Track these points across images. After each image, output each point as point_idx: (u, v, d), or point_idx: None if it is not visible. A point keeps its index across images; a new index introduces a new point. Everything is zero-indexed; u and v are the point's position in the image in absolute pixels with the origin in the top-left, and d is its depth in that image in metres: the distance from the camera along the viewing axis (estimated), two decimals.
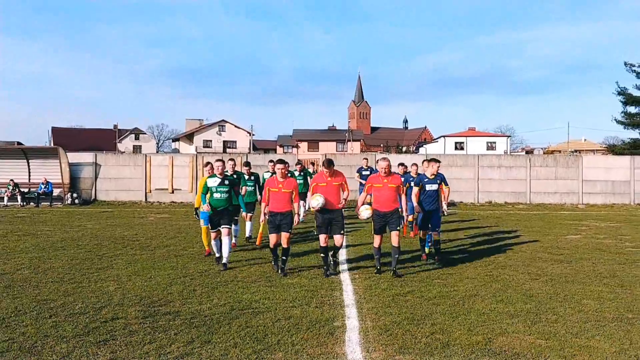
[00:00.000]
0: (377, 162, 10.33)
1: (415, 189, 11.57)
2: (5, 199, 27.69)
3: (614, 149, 57.94)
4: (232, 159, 13.24)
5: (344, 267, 10.72)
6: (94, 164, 29.45)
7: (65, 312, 7.36)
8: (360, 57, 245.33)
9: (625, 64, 53.22)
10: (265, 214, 10.24)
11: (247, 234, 14.43)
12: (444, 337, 6.39)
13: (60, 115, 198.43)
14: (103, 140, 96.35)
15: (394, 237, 9.91)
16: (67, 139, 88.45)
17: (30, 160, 29.08)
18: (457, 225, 18.96)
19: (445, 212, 12.18)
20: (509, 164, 29.50)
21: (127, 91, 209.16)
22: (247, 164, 14.98)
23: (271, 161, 18.02)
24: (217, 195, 10.73)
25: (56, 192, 28.30)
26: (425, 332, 6.56)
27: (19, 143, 58.28)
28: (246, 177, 14.20)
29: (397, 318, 7.14)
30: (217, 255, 11.08)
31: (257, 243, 13.57)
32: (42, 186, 27.94)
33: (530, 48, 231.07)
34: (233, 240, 12.58)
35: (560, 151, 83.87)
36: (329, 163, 10.07)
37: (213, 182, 10.79)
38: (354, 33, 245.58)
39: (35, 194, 28.01)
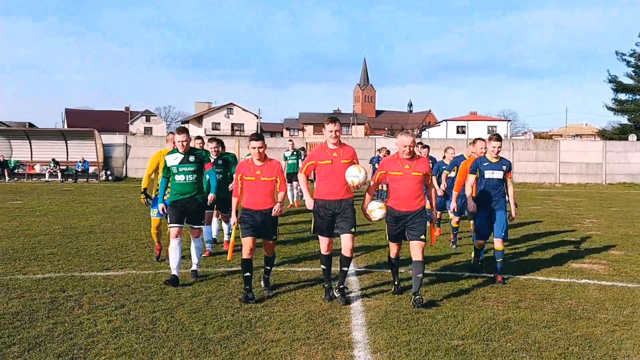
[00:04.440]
0: (397, 140, 7.22)
1: (470, 178, 8.49)
2: (47, 175, 31.36)
3: (604, 134, 61.17)
4: (215, 139, 10.48)
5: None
6: (124, 145, 33.10)
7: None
8: (366, 40, 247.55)
9: (617, 52, 56.39)
10: (237, 213, 7.39)
11: (214, 234, 10.73)
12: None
13: (69, 97, 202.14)
14: (115, 122, 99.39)
15: (417, 250, 6.93)
16: (80, 120, 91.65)
17: (68, 141, 32.68)
18: None
19: (513, 216, 8.49)
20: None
21: (133, 74, 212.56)
22: (219, 141, 10.57)
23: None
24: (180, 178, 7.88)
25: (91, 169, 31.93)
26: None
27: (30, 125, 61.87)
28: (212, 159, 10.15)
29: (379, 260, 10.61)
30: (173, 270, 7.76)
31: (228, 258, 8.40)
32: (80, 164, 31.55)
33: (534, 34, 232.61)
34: (207, 247, 9.95)
35: (561, 135, 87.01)
36: (336, 121, 7.05)
37: (173, 160, 7.92)
38: (360, 16, 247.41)
39: (74, 171, 31.65)
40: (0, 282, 7.72)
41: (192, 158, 7.98)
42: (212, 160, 9.59)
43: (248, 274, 7.00)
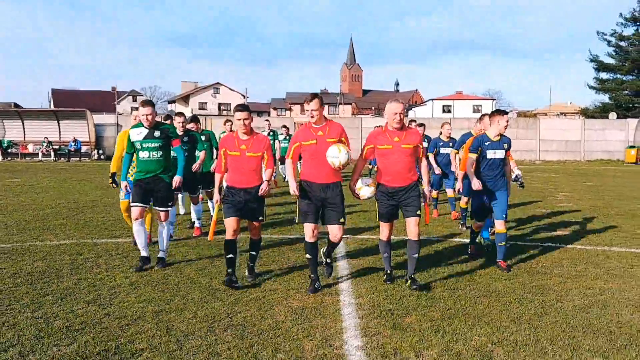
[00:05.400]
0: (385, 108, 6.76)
1: (471, 158, 7.87)
2: (40, 154, 31.97)
3: (586, 113, 62.40)
4: (182, 114, 10.22)
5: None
6: (116, 125, 33.71)
7: None
8: (353, 19, 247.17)
9: (598, 32, 57.44)
10: (220, 191, 6.92)
11: (194, 217, 10.16)
12: None
13: (54, 78, 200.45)
14: (102, 102, 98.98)
15: (412, 227, 6.58)
16: (67, 100, 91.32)
17: (60, 121, 33.24)
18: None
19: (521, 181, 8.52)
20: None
21: (119, 54, 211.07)
22: (195, 117, 10.81)
23: (228, 121, 14.04)
24: (144, 155, 7.30)
25: (84, 149, 32.55)
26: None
27: (15, 105, 61.99)
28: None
29: (364, 225, 11.53)
30: (142, 251, 7.42)
31: (209, 238, 7.89)
32: (72, 144, 32.16)
33: (519, 14, 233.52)
34: (197, 224, 9.76)
35: (546, 114, 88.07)
36: (314, 98, 6.39)
37: (137, 135, 7.34)
38: None
39: (66, 150, 32.27)
40: (21, 247, 8.56)
41: (157, 133, 7.33)
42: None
43: (231, 255, 6.60)
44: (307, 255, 6.61)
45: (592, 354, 4.71)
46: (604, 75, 57.89)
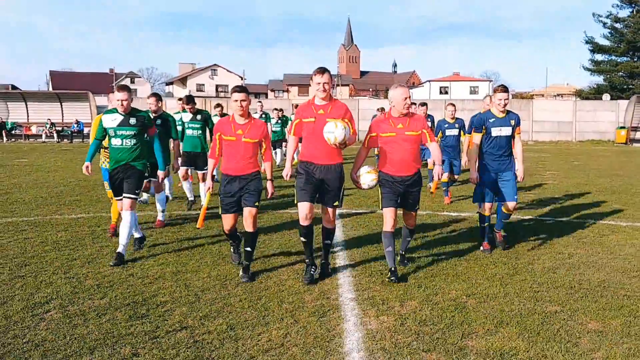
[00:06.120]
0: (390, 94, 6.47)
1: (476, 137, 7.49)
2: (44, 136, 32.62)
3: (581, 94, 63.06)
4: (155, 94, 9.55)
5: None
6: None
7: None
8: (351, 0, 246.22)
9: (594, 14, 57.96)
10: (213, 178, 6.81)
11: (190, 196, 10.71)
12: None
13: (51, 59, 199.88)
14: (100, 84, 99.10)
15: (410, 220, 6.69)
16: (65, 82, 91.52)
17: (63, 103, 33.86)
18: None
19: (519, 178, 7.70)
20: (471, 107, 34.57)
21: (116, 35, 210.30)
22: (190, 98, 10.55)
23: (218, 105, 13.66)
24: (116, 142, 7.02)
25: (86, 130, 33.18)
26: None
27: (13, 87, 62.38)
28: (185, 118, 10.48)
29: (361, 205, 12.30)
30: (135, 233, 7.53)
31: (198, 225, 8.64)
32: (74, 125, 32.81)
33: None
34: (159, 217, 9.09)
35: (543, 95, 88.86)
36: (325, 71, 6.11)
37: (111, 121, 7.01)
38: None
39: (69, 131, 32.91)
40: (43, 220, 9.33)
41: (133, 120, 7.01)
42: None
43: (235, 241, 6.79)
44: (302, 239, 6.30)
45: (552, 304, 5.50)
46: (599, 57, 58.31)
